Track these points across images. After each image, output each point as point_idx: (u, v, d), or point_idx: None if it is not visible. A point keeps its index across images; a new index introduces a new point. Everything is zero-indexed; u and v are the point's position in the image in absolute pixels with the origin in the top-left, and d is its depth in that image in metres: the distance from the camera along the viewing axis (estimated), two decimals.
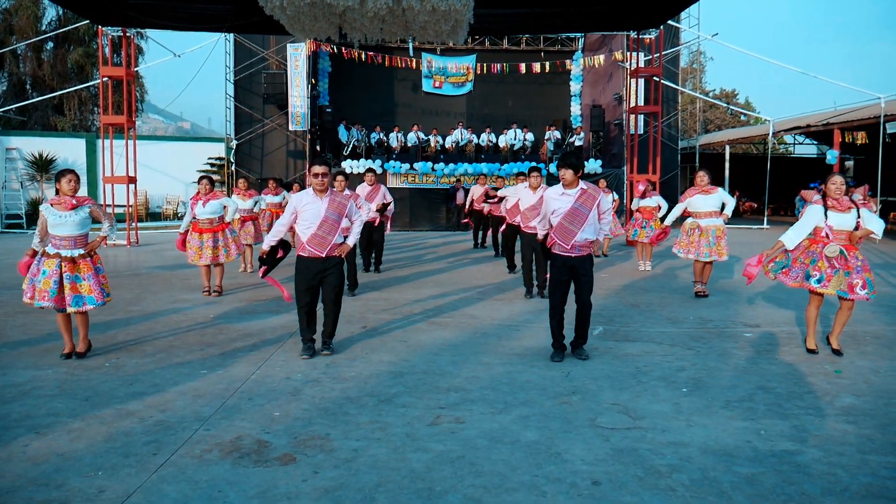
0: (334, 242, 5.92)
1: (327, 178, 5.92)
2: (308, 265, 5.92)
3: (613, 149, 21.74)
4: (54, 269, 5.71)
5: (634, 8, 13.79)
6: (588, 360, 5.87)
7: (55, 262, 5.73)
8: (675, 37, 22.88)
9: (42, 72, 31.01)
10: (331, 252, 5.91)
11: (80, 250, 5.82)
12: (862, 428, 4.28)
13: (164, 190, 25.34)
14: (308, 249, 5.90)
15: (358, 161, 19.91)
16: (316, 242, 5.88)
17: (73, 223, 5.76)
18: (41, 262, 5.78)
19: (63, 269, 5.74)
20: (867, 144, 20.76)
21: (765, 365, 5.74)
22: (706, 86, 43.87)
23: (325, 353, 6.04)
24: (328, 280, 5.97)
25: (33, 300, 5.74)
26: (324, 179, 5.88)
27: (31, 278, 5.80)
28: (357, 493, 3.41)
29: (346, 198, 6.09)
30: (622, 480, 3.55)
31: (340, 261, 6.02)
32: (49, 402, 4.75)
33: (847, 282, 5.83)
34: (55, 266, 5.72)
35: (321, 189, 5.92)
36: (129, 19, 14.97)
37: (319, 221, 5.87)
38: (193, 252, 8.94)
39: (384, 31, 11.83)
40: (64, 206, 5.77)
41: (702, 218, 8.84)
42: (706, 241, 8.77)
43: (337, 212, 5.94)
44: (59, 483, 3.50)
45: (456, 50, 22.96)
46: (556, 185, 6.15)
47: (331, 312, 6.08)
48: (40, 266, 5.76)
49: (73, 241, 5.79)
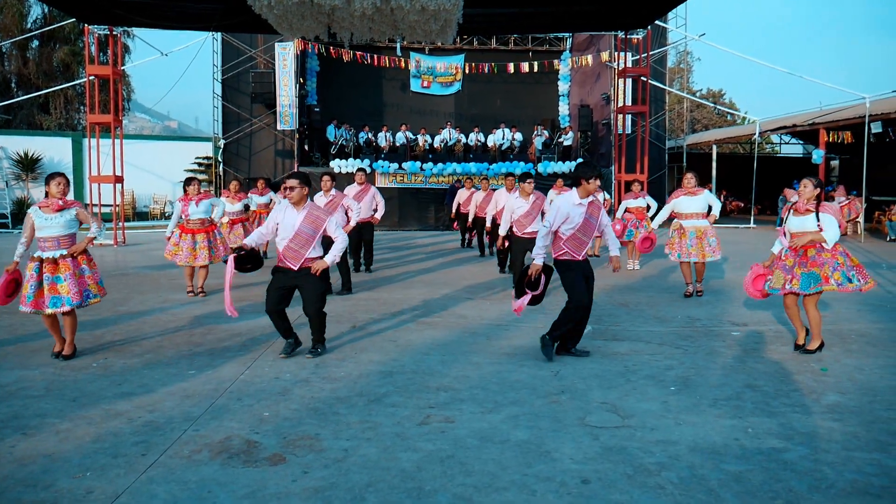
0: (307, 256, 5.85)
1: (297, 190, 5.84)
2: (282, 274, 5.90)
3: (601, 148, 21.82)
4: (32, 272, 5.69)
5: (622, 8, 13.83)
6: (577, 360, 5.89)
7: (34, 265, 5.71)
8: (663, 37, 22.98)
9: (27, 70, 30.74)
10: (304, 265, 5.85)
11: (63, 251, 5.79)
12: (847, 425, 4.32)
13: (151, 189, 25.18)
14: (282, 261, 5.89)
15: (346, 160, 19.87)
16: (290, 255, 5.85)
17: (58, 225, 5.74)
18: (26, 266, 5.75)
19: (43, 270, 5.71)
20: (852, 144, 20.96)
21: (752, 363, 5.78)
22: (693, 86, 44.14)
23: (307, 356, 6.00)
24: (306, 296, 5.91)
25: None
26: (293, 192, 5.84)
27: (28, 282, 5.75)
28: (347, 492, 3.41)
29: (325, 212, 6.03)
30: (611, 479, 3.57)
31: (315, 276, 5.90)
32: (36, 402, 4.72)
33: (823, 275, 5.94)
34: (33, 269, 5.69)
35: (295, 202, 5.89)
36: (115, 18, 14.87)
37: (293, 234, 5.83)
38: (187, 253, 8.87)
39: (373, 31, 11.81)
40: (51, 208, 5.75)
41: (685, 219, 8.91)
42: (688, 242, 8.83)
43: (312, 226, 5.87)
44: (48, 484, 3.48)
45: (444, 49, 22.96)
46: (567, 195, 6.01)
47: (313, 324, 6.03)
48: (26, 270, 5.74)
49: (56, 241, 5.77)
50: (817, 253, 5.99)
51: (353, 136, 20.94)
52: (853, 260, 6.02)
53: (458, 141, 21.37)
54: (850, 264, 5.96)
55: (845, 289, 5.91)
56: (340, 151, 20.54)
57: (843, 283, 5.90)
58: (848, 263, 5.95)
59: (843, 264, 5.93)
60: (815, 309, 6.07)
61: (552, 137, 21.86)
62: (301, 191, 5.87)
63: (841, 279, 5.89)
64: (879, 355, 6.06)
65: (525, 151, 21.74)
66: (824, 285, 5.92)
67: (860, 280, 5.92)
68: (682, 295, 9.04)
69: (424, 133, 21.57)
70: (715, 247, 8.86)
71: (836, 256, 5.96)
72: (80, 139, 24.38)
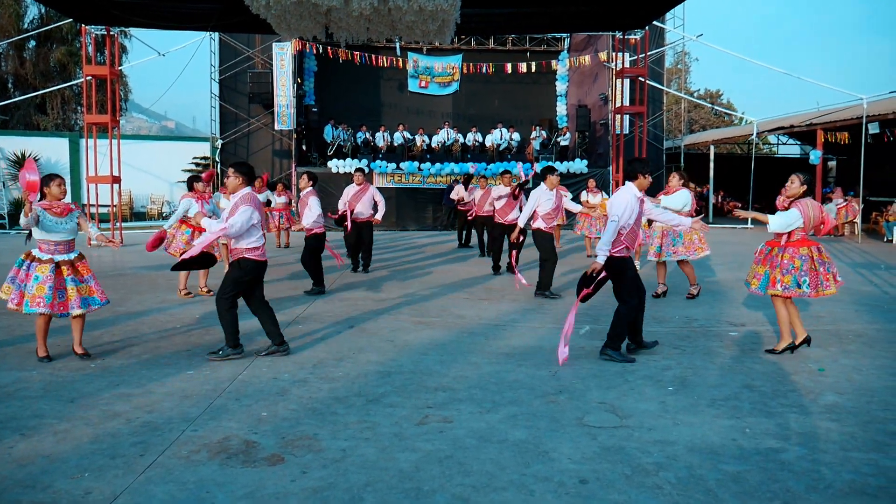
0: (232, 247, 5.96)
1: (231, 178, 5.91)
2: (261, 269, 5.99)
3: (599, 149, 21.83)
4: (48, 273, 5.65)
5: (620, 8, 13.83)
6: (575, 360, 5.89)
7: (48, 267, 5.67)
8: (661, 37, 22.99)
9: (24, 70, 30.66)
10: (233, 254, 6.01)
11: (74, 253, 5.82)
12: (844, 425, 4.33)
13: (149, 189, 25.13)
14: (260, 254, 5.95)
15: (344, 160, 19.86)
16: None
17: (67, 230, 5.79)
18: (32, 267, 5.69)
19: (64, 273, 5.71)
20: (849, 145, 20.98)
21: (750, 364, 5.79)
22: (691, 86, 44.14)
23: (279, 353, 6.01)
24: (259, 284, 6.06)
25: (20, 306, 5.66)
26: (227, 180, 5.97)
27: (19, 284, 5.70)
28: (345, 493, 3.41)
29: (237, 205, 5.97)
30: (609, 479, 3.58)
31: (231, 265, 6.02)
32: (34, 403, 4.72)
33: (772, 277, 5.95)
34: (49, 271, 5.65)
35: (229, 191, 6.04)
36: (113, 18, 14.83)
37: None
38: (181, 244, 8.94)
39: (370, 31, 11.80)
40: (59, 211, 5.75)
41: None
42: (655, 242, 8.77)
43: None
44: (46, 485, 3.48)
45: (442, 49, 22.94)
46: (626, 189, 5.99)
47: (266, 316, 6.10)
48: (31, 272, 5.67)
49: (66, 245, 5.81)
50: (777, 253, 5.97)
51: (350, 136, 20.94)
52: (815, 264, 5.87)
53: (455, 141, 21.38)
54: (805, 269, 5.83)
55: (791, 293, 5.88)
56: (338, 151, 20.53)
57: (789, 287, 5.86)
58: (805, 268, 5.84)
59: (798, 269, 5.85)
60: (783, 307, 6.04)
61: (550, 137, 21.88)
62: (235, 180, 5.91)
63: (790, 283, 5.85)
64: (877, 356, 6.07)
65: (523, 151, 21.73)
66: (770, 288, 5.95)
67: (811, 287, 5.83)
68: (682, 295, 9.01)
69: (422, 133, 21.58)
70: (678, 247, 8.60)
71: (794, 260, 5.87)
72: (77, 139, 24.33)
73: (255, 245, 5.85)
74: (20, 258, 5.80)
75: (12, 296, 5.72)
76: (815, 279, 5.86)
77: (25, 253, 5.81)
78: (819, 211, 5.89)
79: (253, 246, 5.83)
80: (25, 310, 5.64)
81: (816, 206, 5.89)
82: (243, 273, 5.84)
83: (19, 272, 5.75)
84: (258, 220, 5.84)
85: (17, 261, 5.81)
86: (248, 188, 5.92)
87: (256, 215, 5.80)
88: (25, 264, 5.74)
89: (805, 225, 5.85)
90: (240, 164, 6.09)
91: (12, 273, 5.79)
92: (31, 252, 5.77)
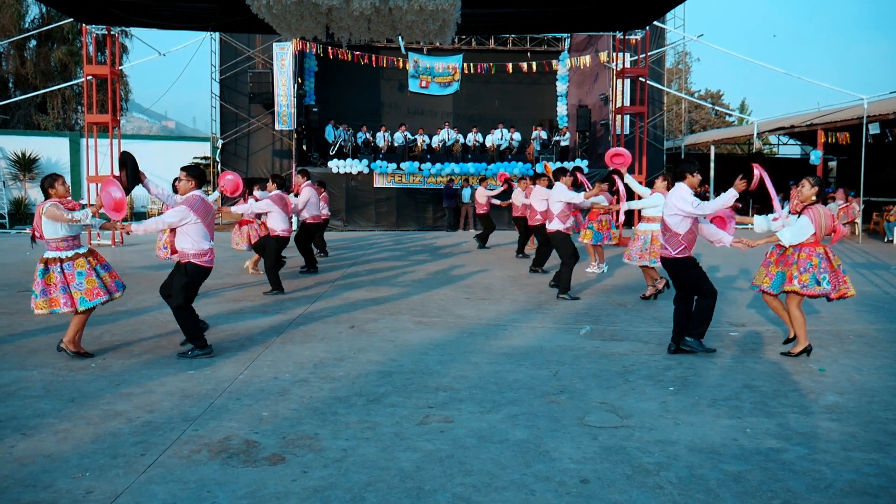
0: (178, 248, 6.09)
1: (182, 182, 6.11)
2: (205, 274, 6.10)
3: (599, 149, 21.80)
4: (87, 267, 5.79)
5: (620, 8, 13.84)
6: (576, 359, 5.90)
7: (83, 260, 5.79)
8: (661, 37, 22.99)
9: (25, 70, 30.66)
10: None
11: (77, 250, 5.82)
12: (845, 426, 4.33)
13: None
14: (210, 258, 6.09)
15: (345, 161, 19.87)
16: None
17: (80, 225, 5.85)
18: (68, 266, 5.69)
19: (93, 262, 5.87)
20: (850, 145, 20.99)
21: (750, 364, 5.79)
22: (692, 86, 44.12)
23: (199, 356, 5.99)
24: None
25: (76, 306, 5.68)
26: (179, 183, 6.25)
27: (63, 287, 5.64)
28: (346, 492, 3.41)
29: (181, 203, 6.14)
30: (610, 478, 3.57)
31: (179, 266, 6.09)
32: (35, 402, 4.72)
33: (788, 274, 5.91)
34: (86, 264, 5.79)
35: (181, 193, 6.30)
36: (113, 18, 14.84)
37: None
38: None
39: (371, 31, 11.81)
40: (71, 207, 5.81)
41: (643, 221, 8.84)
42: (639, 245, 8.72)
43: None
44: (47, 484, 3.48)
45: (442, 50, 22.94)
46: (680, 189, 6.00)
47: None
48: (69, 271, 5.68)
49: (79, 239, 5.90)
50: (793, 252, 5.91)
51: (351, 136, 20.94)
52: (833, 265, 5.84)
53: (456, 141, 21.38)
54: (824, 267, 5.77)
55: (810, 292, 5.77)
56: (339, 152, 20.54)
57: (808, 285, 5.75)
58: (823, 266, 5.77)
59: (817, 266, 5.77)
60: (797, 309, 5.95)
61: (550, 138, 21.88)
62: (186, 183, 6.05)
63: (808, 281, 5.75)
64: (878, 356, 6.07)
65: (523, 152, 21.73)
66: (787, 285, 5.88)
67: (831, 286, 5.75)
68: None
69: (423, 133, 21.59)
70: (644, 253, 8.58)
71: (811, 258, 5.80)
72: (77, 139, 24.33)
73: (203, 250, 5.96)
74: (41, 267, 5.69)
75: (63, 300, 5.64)
76: (835, 279, 5.82)
77: (41, 260, 5.74)
78: (831, 220, 5.79)
79: (200, 251, 5.94)
80: (85, 305, 5.70)
81: (829, 215, 5.80)
82: (189, 279, 5.93)
83: (49, 280, 5.66)
84: (200, 223, 5.91)
85: (40, 271, 5.69)
86: (199, 191, 6.06)
87: (193, 217, 5.87)
88: (55, 269, 5.67)
89: (817, 233, 5.78)
90: (191, 167, 6.24)
91: (41, 285, 5.64)
92: (47, 256, 5.71)
